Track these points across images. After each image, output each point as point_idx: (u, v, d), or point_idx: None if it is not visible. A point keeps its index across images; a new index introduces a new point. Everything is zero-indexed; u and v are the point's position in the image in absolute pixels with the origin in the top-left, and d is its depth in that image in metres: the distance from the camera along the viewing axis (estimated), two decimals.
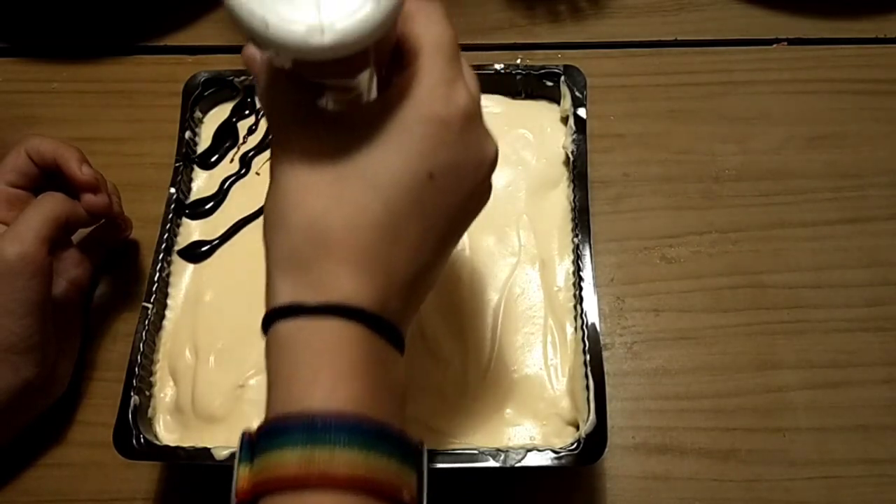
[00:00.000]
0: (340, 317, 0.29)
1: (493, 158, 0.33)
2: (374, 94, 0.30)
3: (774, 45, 0.60)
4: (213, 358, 0.45)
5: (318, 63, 0.27)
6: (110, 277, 0.52)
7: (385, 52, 0.30)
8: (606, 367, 0.42)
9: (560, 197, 0.49)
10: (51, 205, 0.43)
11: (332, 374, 0.28)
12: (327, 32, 0.26)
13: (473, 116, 0.31)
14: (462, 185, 0.31)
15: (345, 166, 0.29)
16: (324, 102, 0.30)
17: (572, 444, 0.40)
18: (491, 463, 0.39)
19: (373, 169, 0.29)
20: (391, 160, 0.29)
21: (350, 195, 0.29)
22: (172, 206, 0.49)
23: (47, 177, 0.46)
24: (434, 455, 0.40)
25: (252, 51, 0.31)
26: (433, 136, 0.30)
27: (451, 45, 0.31)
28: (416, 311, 0.33)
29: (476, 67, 0.50)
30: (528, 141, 0.51)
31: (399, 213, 0.30)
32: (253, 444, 0.28)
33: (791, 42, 0.60)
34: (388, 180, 0.29)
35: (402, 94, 0.30)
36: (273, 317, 0.29)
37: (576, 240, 0.46)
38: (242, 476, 0.27)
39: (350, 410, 0.28)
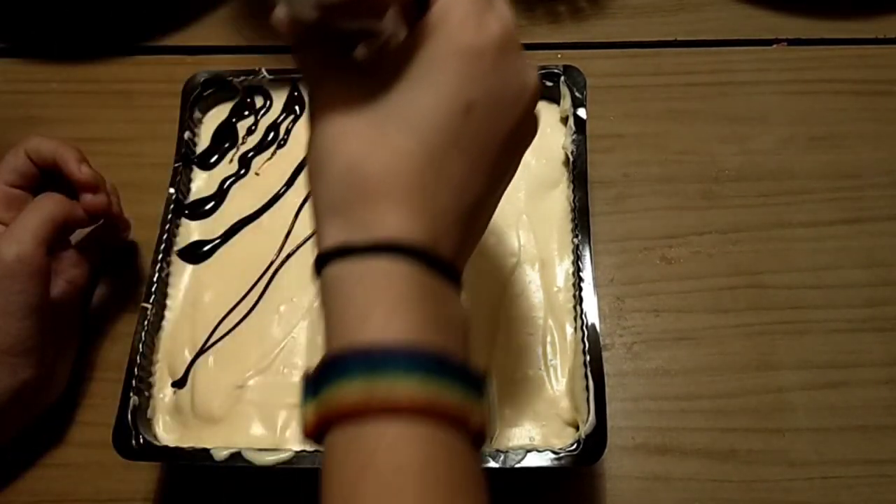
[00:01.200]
0: (389, 253, 0.28)
1: (534, 87, 0.32)
2: (402, 36, 0.30)
3: (774, 45, 0.60)
4: (212, 358, 0.45)
5: (339, 6, 0.27)
6: (109, 278, 0.52)
7: None
8: (606, 368, 0.42)
9: (560, 197, 0.49)
10: (49, 206, 0.43)
11: (384, 308, 0.28)
12: None
13: (508, 45, 0.31)
14: (504, 116, 0.31)
15: (379, 109, 0.30)
16: (355, 53, 0.30)
17: (572, 445, 0.40)
18: (490, 464, 0.39)
19: (407, 109, 0.29)
20: (424, 98, 0.29)
21: (386, 137, 0.29)
22: (172, 206, 0.49)
23: (46, 177, 0.46)
24: None
25: (280, 14, 0.30)
26: (467, 69, 0.30)
27: None
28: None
29: None
30: None
31: (438, 150, 0.29)
32: (313, 382, 0.28)
33: (791, 42, 0.60)
34: (422, 118, 0.29)
35: (431, 29, 0.30)
36: (323, 260, 0.29)
37: (576, 240, 0.46)
38: (307, 412, 0.27)
39: (404, 339, 0.27)
